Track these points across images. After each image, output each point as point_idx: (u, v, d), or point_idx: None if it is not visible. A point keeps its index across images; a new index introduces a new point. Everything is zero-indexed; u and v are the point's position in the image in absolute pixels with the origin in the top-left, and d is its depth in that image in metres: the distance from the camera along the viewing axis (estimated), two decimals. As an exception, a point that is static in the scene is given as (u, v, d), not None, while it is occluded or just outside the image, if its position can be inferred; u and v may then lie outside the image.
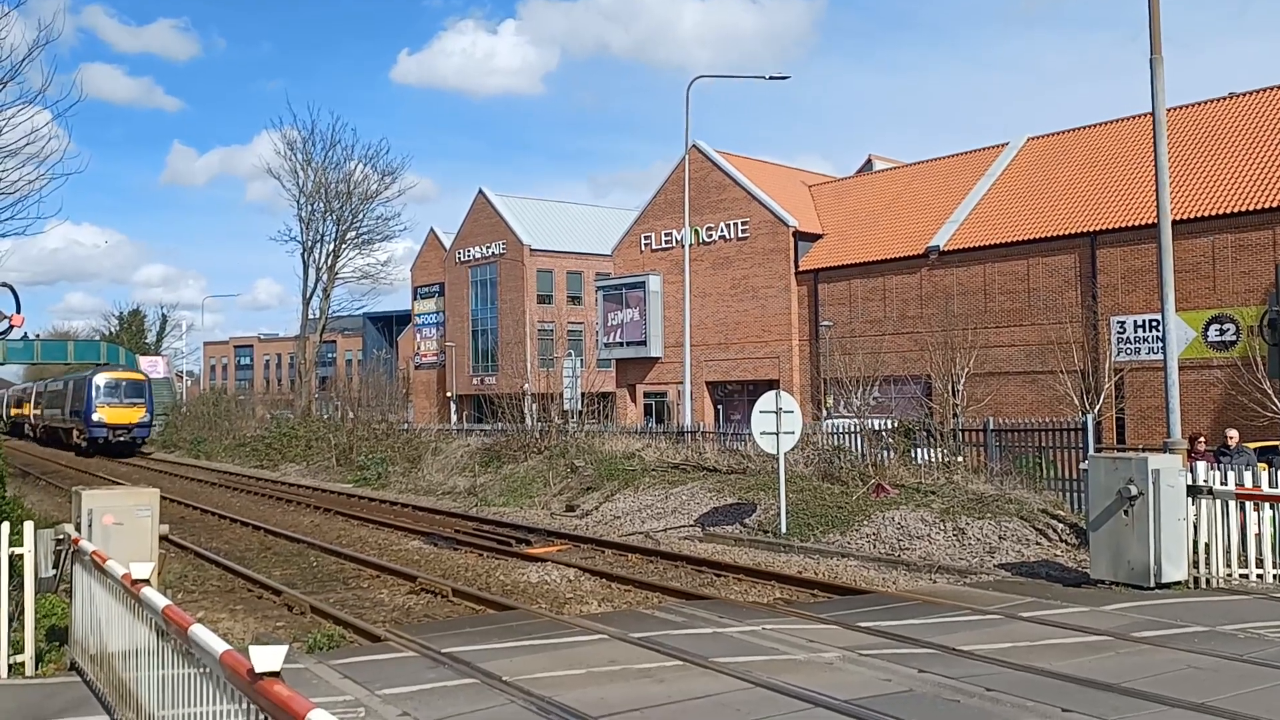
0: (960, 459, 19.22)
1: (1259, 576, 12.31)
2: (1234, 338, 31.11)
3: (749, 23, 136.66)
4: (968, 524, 15.53)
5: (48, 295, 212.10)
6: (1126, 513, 12.13)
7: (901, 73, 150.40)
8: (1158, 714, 7.24)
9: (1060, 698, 7.58)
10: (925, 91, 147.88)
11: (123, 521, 8.64)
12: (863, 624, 10.21)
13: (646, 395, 51.91)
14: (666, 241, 50.77)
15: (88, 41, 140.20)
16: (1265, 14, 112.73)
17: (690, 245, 36.23)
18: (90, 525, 8.54)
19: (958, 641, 9.36)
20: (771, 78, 33.32)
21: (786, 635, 9.79)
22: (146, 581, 6.14)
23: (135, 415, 48.48)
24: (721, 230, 47.94)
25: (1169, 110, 17.08)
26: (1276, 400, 25.42)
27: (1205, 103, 37.77)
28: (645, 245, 52.12)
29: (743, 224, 47.18)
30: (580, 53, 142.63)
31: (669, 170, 50.98)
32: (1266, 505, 12.30)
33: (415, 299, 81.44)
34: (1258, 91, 36.69)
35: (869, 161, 57.32)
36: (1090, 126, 41.65)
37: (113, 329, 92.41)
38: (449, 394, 73.94)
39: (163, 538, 9.40)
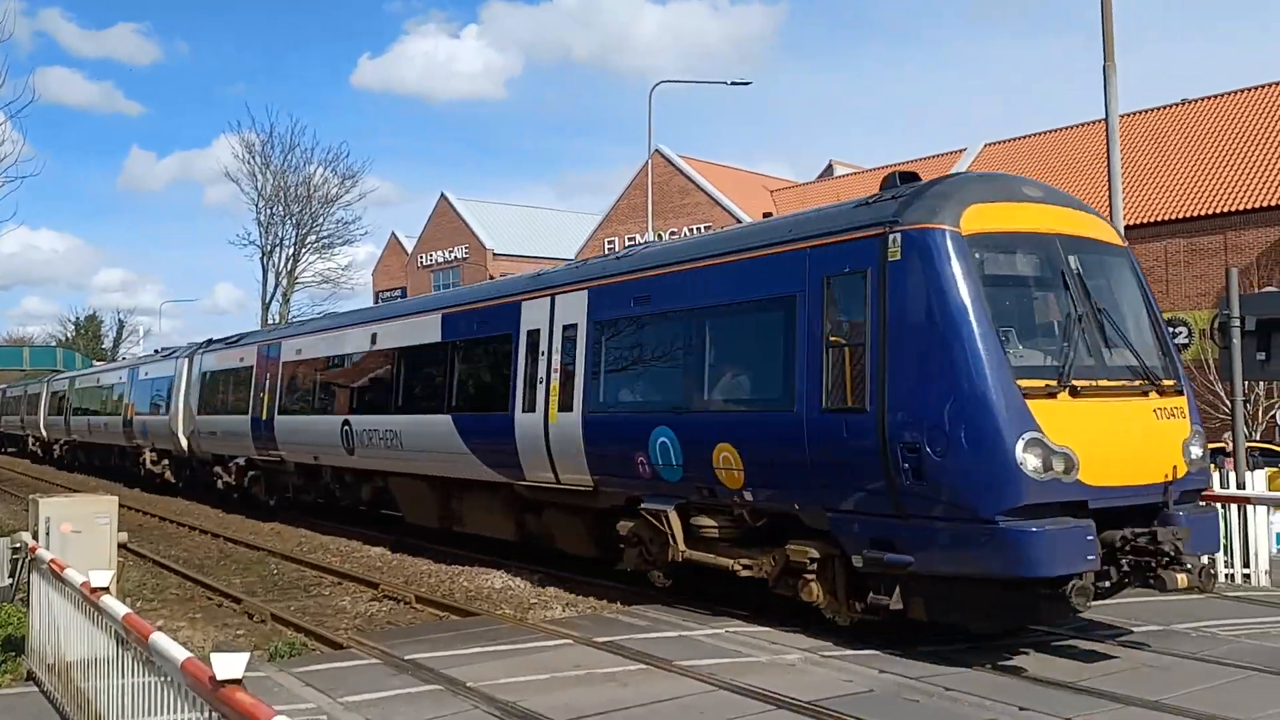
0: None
1: (1211, 575, 12.49)
2: (1186, 341, 31.67)
3: (712, 29, 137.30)
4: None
5: (4, 300, 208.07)
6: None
7: (862, 78, 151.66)
8: (1114, 712, 7.38)
9: (1018, 697, 7.70)
10: (885, 97, 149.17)
11: (81, 529, 8.56)
12: (824, 625, 10.27)
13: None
14: (631, 243, 50.84)
15: (46, 45, 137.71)
16: (1220, 17, 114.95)
17: (653, 250, 36.20)
18: (48, 533, 8.44)
19: (918, 642, 9.46)
20: (733, 83, 33.58)
21: (750, 638, 9.85)
22: (106, 589, 6.09)
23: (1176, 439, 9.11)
24: (685, 234, 48.10)
25: (1123, 116, 17.38)
26: (1226, 402, 25.88)
27: (1159, 109, 38.45)
28: (608, 249, 52.17)
29: (705, 228, 47.37)
30: (544, 58, 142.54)
31: (633, 174, 51.08)
32: (1219, 506, 12.54)
33: (377, 303, 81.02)
34: (1210, 98, 37.41)
35: (830, 166, 57.70)
36: (1046, 133, 42.26)
37: (69, 334, 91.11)
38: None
39: (121, 546, 9.31)
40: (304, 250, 57.70)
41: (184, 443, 26.62)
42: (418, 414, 16.09)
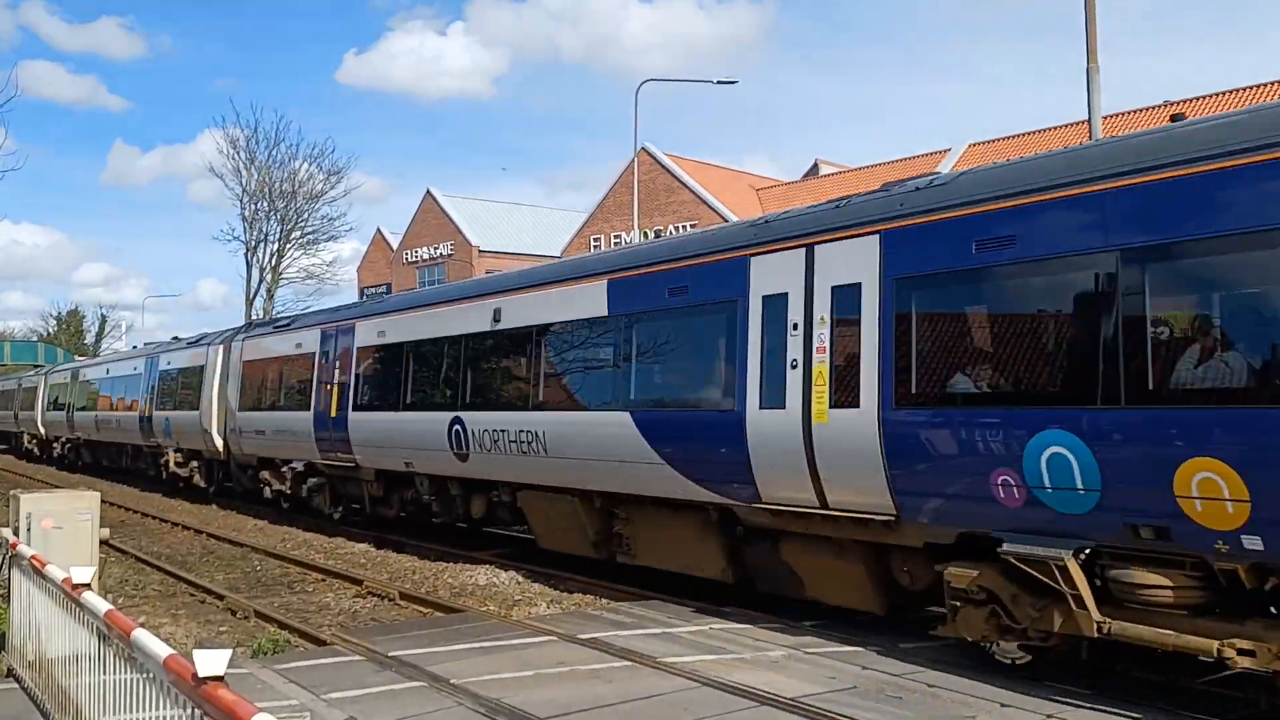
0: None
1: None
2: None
3: (699, 28, 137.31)
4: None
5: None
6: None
7: (848, 79, 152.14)
8: (1092, 716, 7.42)
9: (1000, 694, 7.75)
10: (870, 97, 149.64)
11: (62, 525, 8.52)
12: (809, 622, 10.32)
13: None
14: (616, 243, 50.84)
15: (29, 39, 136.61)
16: (1202, 23, 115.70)
17: (639, 247, 36.18)
18: (29, 529, 8.40)
19: (901, 639, 9.51)
20: (719, 82, 33.62)
21: (734, 635, 9.88)
22: (88, 586, 6.06)
23: None
24: (670, 232, 48.12)
25: (1105, 118, 17.46)
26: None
27: (1141, 110, 38.66)
28: (594, 247, 52.15)
29: (691, 226, 47.40)
30: (531, 56, 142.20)
31: (619, 172, 51.11)
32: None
33: (362, 299, 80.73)
34: (1191, 99, 37.65)
35: (815, 166, 57.80)
36: (1030, 133, 42.46)
37: (50, 329, 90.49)
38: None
39: (103, 542, 9.27)
40: (289, 246, 57.54)
41: (219, 443, 23.35)
42: (573, 411, 12.76)
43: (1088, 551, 7.53)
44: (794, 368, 9.76)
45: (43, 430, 41.74)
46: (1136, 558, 7.35)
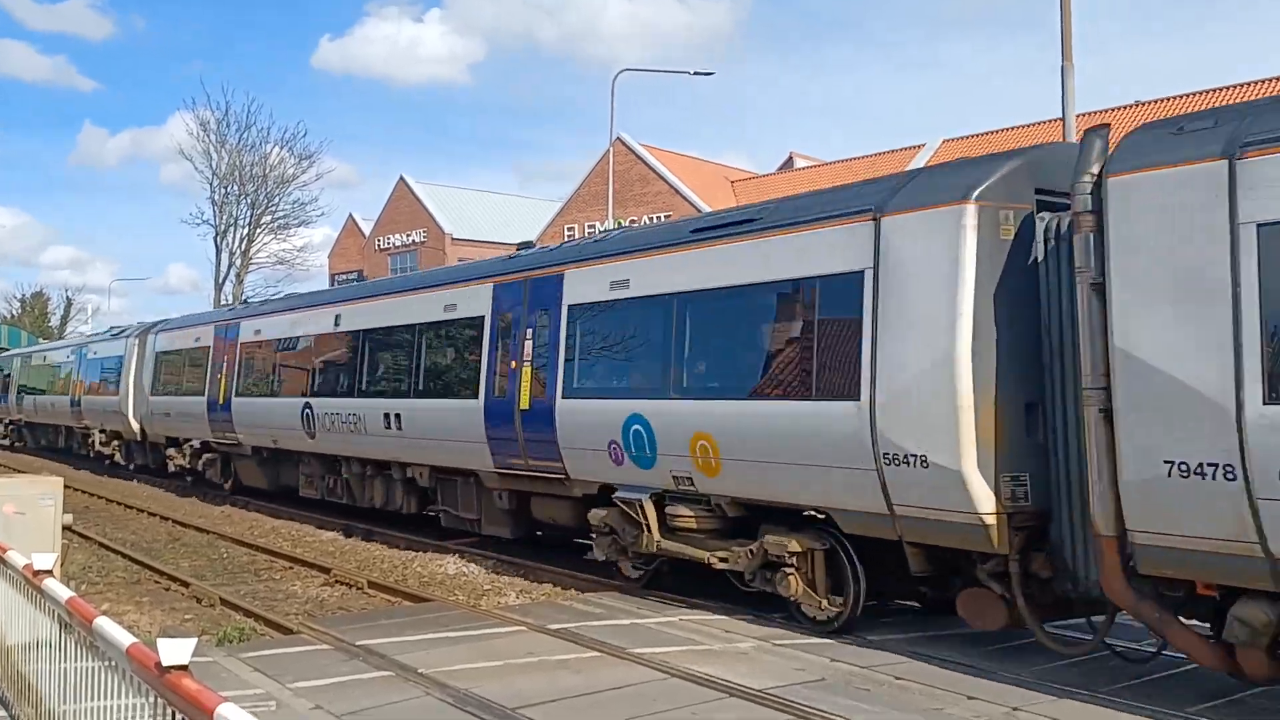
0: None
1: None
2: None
3: (677, 20, 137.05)
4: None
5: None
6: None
7: (823, 72, 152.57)
8: (1057, 706, 7.49)
9: (967, 687, 7.80)
10: (845, 91, 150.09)
11: (24, 511, 8.40)
12: (778, 614, 10.35)
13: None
14: (590, 233, 50.75)
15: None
16: (1171, 22, 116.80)
17: (613, 237, 36.09)
18: (-11, 515, 8.27)
19: (868, 631, 9.56)
20: (695, 73, 33.73)
21: (703, 626, 9.89)
22: (49, 572, 5.97)
23: None
24: (645, 223, 48.12)
25: (1079, 116, 17.56)
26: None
27: (1113, 109, 38.97)
28: (568, 237, 52.05)
29: (666, 218, 47.39)
30: (508, 44, 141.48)
31: (594, 162, 51.02)
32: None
33: (333, 286, 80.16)
34: (1161, 100, 38.01)
35: (790, 159, 57.92)
36: (1004, 130, 42.72)
37: (14, 311, 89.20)
38: (367, 383, 72.69)
39: (66, 528, 9.15)
40: (259, 231, 57.03)
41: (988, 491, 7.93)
42: None
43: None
44: None
45: (136, 425, 26.76)
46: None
